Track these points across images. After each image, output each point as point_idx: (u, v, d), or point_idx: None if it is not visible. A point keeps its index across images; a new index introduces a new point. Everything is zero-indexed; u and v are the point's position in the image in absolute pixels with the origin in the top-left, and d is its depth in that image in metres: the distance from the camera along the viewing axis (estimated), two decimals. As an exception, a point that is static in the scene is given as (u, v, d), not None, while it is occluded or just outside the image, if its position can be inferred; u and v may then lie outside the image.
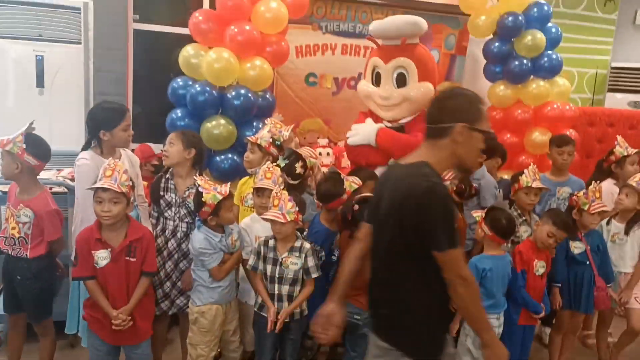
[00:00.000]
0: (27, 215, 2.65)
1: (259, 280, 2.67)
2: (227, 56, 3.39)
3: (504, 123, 4.46)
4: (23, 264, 2.69)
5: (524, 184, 3.18)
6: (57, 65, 3.89)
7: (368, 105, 3.45)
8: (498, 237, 2.84)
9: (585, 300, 3.26)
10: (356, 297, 2.80)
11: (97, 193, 2.40)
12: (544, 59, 4.29)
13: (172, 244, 2.82)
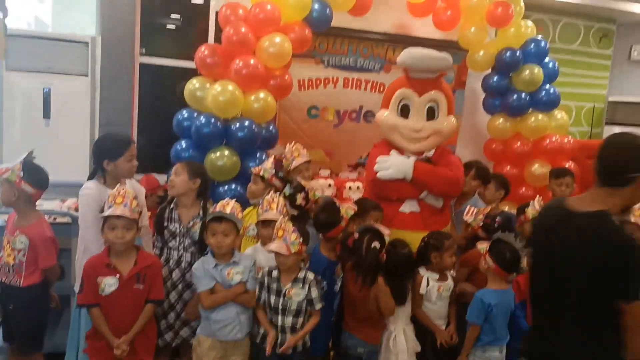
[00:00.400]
0: (22, 242, 2.66)
1: (260, 310, 2.67)
2: (232, 89, 3.46)
3: (503, 155, 4.52)
4: (16, 292, 2.69)
5: (530, 216, 3.20)
6: (64, 97, 3.97)
7: (390, 136, 3.33)
8: (502, 271, 2.84)
9: None
10: (359, 329, 2.80)
11: (110, 220, 2.44)
12: (542, 92, 4.38)
13: (177, 274, 2.83)
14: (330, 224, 2.83)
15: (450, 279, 3.00)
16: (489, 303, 2.81)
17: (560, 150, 4.39)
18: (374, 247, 2.65)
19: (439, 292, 2.92)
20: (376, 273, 2.69)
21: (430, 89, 3.29)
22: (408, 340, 2.87)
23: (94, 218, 2.62)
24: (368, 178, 3.32)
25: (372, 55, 4.68)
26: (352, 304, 2.82)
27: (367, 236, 2.70)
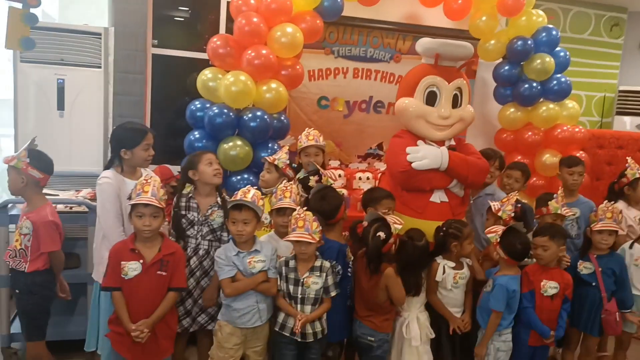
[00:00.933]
0: (27, 227, 2.72)
1: (280, 297, 2.70)
2: (244, 79, 3.48)
3: (514, 145, 4.52)
4: (21, 277, 2.75)
5: (553, 210, 3.22)
6: (78, 89, 3.99)
7: (414, 124, 3.29)
8: (512, 260, 2.90)
9: (586, 320, 3.26)
10: (370, 318, 2.83)
11: (138, 208, 2.49)
12: (553, 82, 4.37)
13: (194, 261, 2.87)
14: (333, 209, 2.87)
15: (467, 267, 3.02)
16: (513, 289, 2.86)
17: (571, 140, 4.39)
18: (379, 237, 2.67)
19: (455, 280, 2.94)
20: (379, 262, 2.71)
21: (457, 77, 3.34)
22: (421, 327, 2.90)
23: (112, 206, 2.68)
24: (397, 169, 3.25)
25: (382, 45, 4.68)
26: (362, 293, 2.85)
27: (373, 225, 2.73)
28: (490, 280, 2.96)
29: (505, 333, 2.92)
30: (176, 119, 4.22)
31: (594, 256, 3.26)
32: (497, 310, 2.86)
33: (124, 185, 2.75)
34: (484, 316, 2.93)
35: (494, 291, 2.87)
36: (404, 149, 3.23)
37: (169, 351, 2.66)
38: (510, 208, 3.09)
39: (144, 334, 2.48)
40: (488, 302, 2.91)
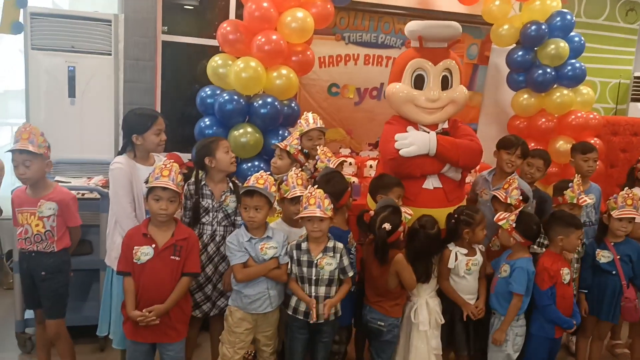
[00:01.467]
0: (51, 208, 2.73)
1: (292, 282, 2.70)
2: (255, 65, 3.46)
3: (528, 132, 4.46)
4: (49, 258, 2.77)
5: (569, 199, 3.18)
6: (88, 76, 3.99)
7: (403, 109, 3.25)
8: (528, 241, 2.89)
9: (608, 308, 3.24)
10: (380, 303, 2.82)
11: (156, 191, 2.49)
12: (568, 67, 4.31)
13: (212, 247, 2.87)
14: (339, 193, 2.85)
15: (479, 253, 3.00)
16: (533, 271, 2.86)
17: (585, 126, 4.32)
18: (383, 228, 2.65)
19: (468, 267, 2.92)
20: (386, 252, 2.70)
21: (444, 57, 3.24)
22: (430, 312, 2.89)
23: (124, 191, 2.68)
24: (386, 156, 3.21)
25: (393, 31, 4.63)
26: (372, 279, 2.84)
27: (380, 215, 2.70)
28: (505, 265, 2.92)
29: (521, 318, 2.91)
30: (186, 106, 4.22)
31: (611, 244, 3.22)
32: (519, 293, 2.83)
33: (137, 170, 2.75)
34: (501, 301, 2.90)
35: (515, 274, 2.83)
36: (393, 135, 3.17)
37: (183, 335, 2.66)
38: (517, 192, 3.06)
39: (149, 319, 2.49)
40: (505, 286, 2.87)
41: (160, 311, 2.51)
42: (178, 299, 2.56)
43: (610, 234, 3.24)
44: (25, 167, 2.66)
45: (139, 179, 2.73)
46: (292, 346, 2.75)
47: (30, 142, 2.67)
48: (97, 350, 3.33)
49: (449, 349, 3.07)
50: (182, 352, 2.70)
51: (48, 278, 2.78)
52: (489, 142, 4.86)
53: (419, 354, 2.89)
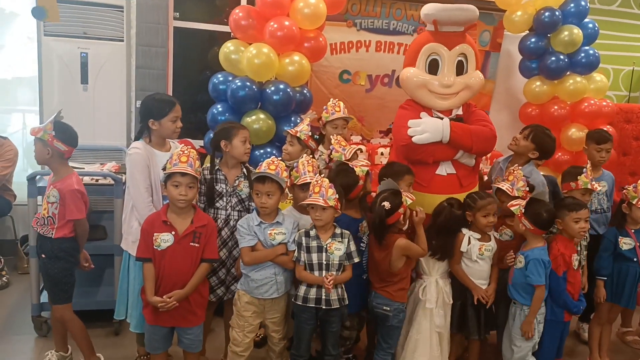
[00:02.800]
0: (54, 196, 2.77)
1: (300, 270, 2.71)
2: (267, 51, 3.45)
3: (540, 119, 4.43)
4: (47, 243, 2.82)
5: (583, 185, 3.16)
6: (101, 63, 4.01)
7: (417, 94, 3.21)
8: (539, 230, 2.86)
9: (628, 295, 3.27)
10: (384, 288, 2.83)
11: (175, 177, 2.51)
12: (581, 54, 4.27)
13: (226, 232, 2.89)
14: (349, 186, 2.84)
15: (494, 240, 3.00)
16: (548, 260, 2.85)
17: (598, 114, 4.29)
18: (383, 206, 2.66)
19: (480, 252, 2.93)
20: (383, 232, 2.71)
21: (459, 42, 3.18)
22: (439, 291, 2.93)
23: (141, 176, 2.70)
24: (399, 142, 3.19)
25: (405, 18, 4.60)
26: (375, 264, 2.86)
27: (380, 196, 2.72)
28: (520, 256, 2.92)
29: (542, 305, 2.92)
30: (198, 93, 4.23)
31: (631, 230, 3.22)
32: (539, 284, 2.83)
33: (154, 156, 2.76)
34: (521, 293, 2.90)
35: (530, 267, 2.83)
36: (407, 121, 3.13)
37: (202, 319, 2.70)
38: (523, 184, 3.04)
39: (169, 305, 2.52)
40: (522, 277, 2.88)
41: (181, 296, 2.55)
42: (197, 285, 2.59)
43: (630, 221, 3.23)
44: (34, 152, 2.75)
45: (156, 165, 2.75)
46: (300, 335, 2.78)
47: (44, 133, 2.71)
48: (111, 334, 3.37)
49: (460, 333, 3.09)
50: (200, 335, 2.74)
51: (45, 262, 2.83)
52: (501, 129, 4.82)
53: (421, 330, 2.94)
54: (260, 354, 3.11)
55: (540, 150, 3.30)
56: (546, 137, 3.34)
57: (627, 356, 3.63)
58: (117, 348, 3.25)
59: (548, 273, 2.87)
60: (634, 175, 3.24)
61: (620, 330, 3.90)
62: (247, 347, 2.78)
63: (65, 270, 2.85)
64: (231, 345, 2.80)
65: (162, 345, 2.70)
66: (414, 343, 2.96)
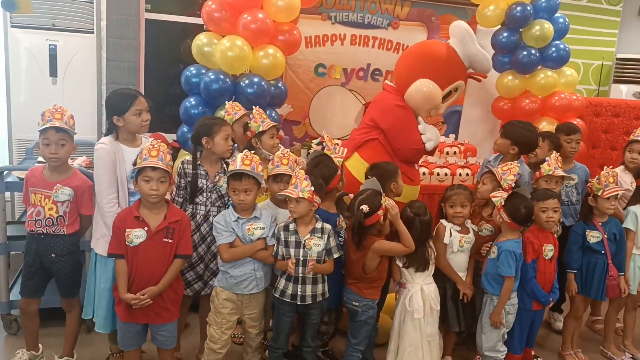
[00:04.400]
0: (67, 194, 2.74)
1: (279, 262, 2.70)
2: (241, 44, 3.42)
3: (512, 113, 4.50)
4: (59, 241, 2.78)
5: (545, 172, 3.20)
6: (70, 55, 3.93)
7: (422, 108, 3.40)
8: (515, 225, 2.89)
9: (597, 287, 3.32)
10: (355, 284, 2.82)
11: (145, 172, 2.47)
12: (552, 49, 4.33)
13: (205, 228, 2.86)
14: (328, 177, 2.84)
15: (472, 232, 3.03)
16: (520, 253, 2.89)
17: (568, 107, 4.37)
18: (361, 210, 2.62)
19: (460, 244, 2.96)
20: (362, 235, 2.68)
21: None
22: (425, 299, 2.86)
23: (105, 172, 2.65)
24: (412, 145, 3.37)
25: (379, 11, 4.61)
26: (349, 263, 2.84)
27: (359, 198, 2.70)
28: (494, 246, 2.96)
29: (514, 296, 2.96)
30: (170, 86, 4.17)
31: (599, 224, 3.29)
32: (508, 275, 2.87)
33: (121, 152, 2.70)
34: (492, 283, 2.94)
35: (502, 258, 2.87)
36: (414, 125, 3.36)
37: (175, 315, 2.68)
38: (512, 178, 3.05)
39: (142, 302, 2.49)
40: (494, 268, 2.91)
41: (154, 293, 2.51)
42: (171, 281, 2.57)
43: (597, 214, 3.29)
44: (59, 146, 2.68)
45: (124, 161, 2.69)
46: (279, 327, 2.77)
47: (64, 123, 2.68)
48: (84, 331, 3.30)
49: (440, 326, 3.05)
50: (174, 332, 2.72)
51: (58, 260, 2.79)
52: (474, 123, 4.95)
53: (412, 342, 2.87)
54: (237, 349, 3.10)
55: (517, 144, 3.35)
56: (519, 129, 3.39)
57: (596, 344, 3.72)
58: (89, 346, 3.20)
59: (519, 266, 2.90)
60: (602, 167, 3.30)
61: (589, 319, 3.99)
62: (224, 344, 2.77)
63: (78, 263, 2.88)
64: (208, 342, 2.78)
65: (135, 342, 2.68)
66: (407, 356, 2.89)
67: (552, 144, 3.53)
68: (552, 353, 3.56)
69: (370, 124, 3.45)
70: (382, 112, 3.43)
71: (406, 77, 3.46)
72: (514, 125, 3.44)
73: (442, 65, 3.45)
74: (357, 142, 3.46)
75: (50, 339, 3.09)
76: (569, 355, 3.47)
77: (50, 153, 2.67)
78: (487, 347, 3.01)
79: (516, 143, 3.35)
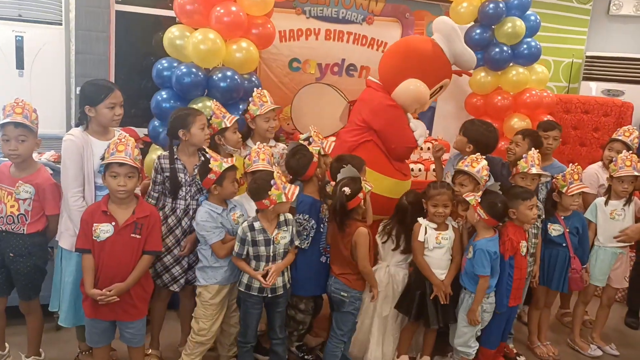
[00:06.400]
0: (28, 192, 2.67)
1: (242, 262, 2.71)
2: (213, 37, 3.37)
3: (484, 109, 4.56)
4: (18, 240, 2.70)
5: (522, 169, 3.24)
6: (38, 47, 3.83)
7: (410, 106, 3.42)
8: (494, 220, 2.91)
9: (558, 279, 3.40)
10: (344, 275, 2.86)
11: (112, 167, 2.42)
12: (524, 46, 4.40)
13: (186, 222, 2.85)
14: (303, 165, 2.92)
15: (452, 229, 3.03)
16: (494, 251, 2.90)
17: (539, 104, 4.44)
18: (343, 192, 2.70)
19: (437, 240, 2.96)
20: (344, 217, 2.74)
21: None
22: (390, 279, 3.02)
23: (72, 164, 2.59)
24: (406, 144, 3.42)
25: (354, 6, 4.61)
26: (337, 252, 2.88)
27: (341, 182, 2.75)
28: (470, 246, 2.98)
29: (491, 295, 2.98)
30: (142, 79, 4.10)
31: (561, 217, 3.35)
32: (483, 275, 2.89)
33: (90, 145, 2.64)
34: (470, 281, 2.97)
35: (476, 257, 2.89)
36: (406, 124, 3.40)
37: (144, 313, 2.64)
38: (486, 173, 3.10)
39: (109, 298, 2.45)
40: (471, 268, 2.93)
41: (121, 289, 2.48)
42: (139, 277, 2.53)
43: (560, 208, 3.36)
44: (19, 142, 2.59)
45: (93, 154, 2.63)
46: (247, 321, 2.79)
47: (25, 117, 2.58)
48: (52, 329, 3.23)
49: (419, 322, 3.09)
50: (142, 329, 2.68)
51: (15, 260, 2.71)
52: (448, 119, 4.98)
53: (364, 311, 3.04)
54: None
55: (473, 143, 3.36)
56: (477, 128, 3.42)
57: (565, 337, 3.79)
58: (58, 344, 3.15)
59: (496, 264, 2.92)
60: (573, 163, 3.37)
61: (559, 312, 4.07)
62: (214, 335, 2.81)
63: (37, 266, 2.77)
64: (195, 336, 2.79)
65: (103, 339, 2.64)
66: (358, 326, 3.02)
67: (532, 142, 3.55)
68: (523, 345, 3.62)
69: (362, 125, 3.41)
70: (374, 112, 3.39)
71: (392, 75, 3.43)
72: (473, 123, 3.50)
73: (429, 64, 3.43)
74: (350, 144, 3.42)
75: (17, 337, 3.02)
76: (538, 347, 3.54)
77: (10, 150, 2.59)
78: (460, 343, 3.04)
79: (473, 141, 3.37)
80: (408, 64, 3.40)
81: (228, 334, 2.93)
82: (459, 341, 3.04)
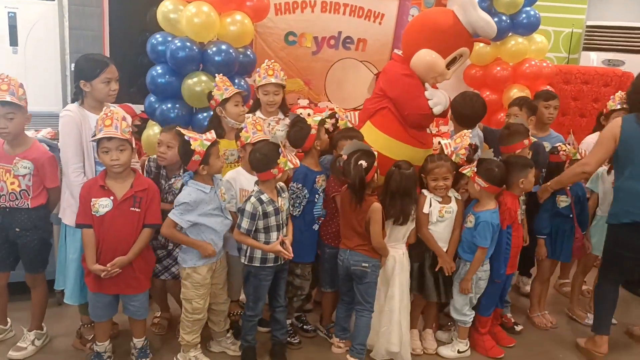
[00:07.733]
0: (26, 167, 2.67)
1: (250, 239, 2.70)
2: (207, 10, 3.33)
3: (483, 80, 4.52)
4: (23, 215, 2.72)
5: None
6: (31, 23, 3.80)
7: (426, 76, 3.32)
8: (494, 187, 2.90)
9: (566, 251, 3.41)
10: (362, 247, 2.85)
11: (103, 143, 2.42)
12: (522, 15, 4.34)
13: None
14: (302, 137, 2.94)
15: (454, 202, 3.02)
16: (497, 223, 2.91)
17: (538, 74, 4.40)
18: (360, 165, 2.68)
19: (441, 214, 2.96)
20: (363, 190, 2.72)
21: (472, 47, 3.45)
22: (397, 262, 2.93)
23: (71, 140, 2.60)
24: (419, 111, 3.28)
25: (350, -22, 4.53)
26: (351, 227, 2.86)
27: (354, 156, 2.72)
28: (471, 215, 2.98)
29: (486, 263, 3.00)
30: (137, 55, 4.06)
31: (567, 187, 3.33)
32: (484, 246, 2.90)
33: (87, 120, 2.64)
34: (466, 250, 2.98)
35: (479, 228, 2.89)
36: (421, 92, 3.30)
37: (147, 286, 2.67)
38: (464, 152, 3.05)
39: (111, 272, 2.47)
40: (470, 237, 2.94)
41: (123, 262, 2.50)
42: (140, 251, 2.55)
43: None
44: (8, 120, 2.57)
45: (90, 129, 2.63)
46: (258, 294, 2.80)
47: (11, 93, 2.56)
48: (54, 304, 3.28)
49: (419, 295, 3.11)
50: (146, 302, 2.71)
51: (22, 234, 2.74)
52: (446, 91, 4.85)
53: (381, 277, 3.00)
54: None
55: (455, 115, 3.44)
56: (454, 100, 3.44)
57: (563, 306, 3.82)
58: (60, 319, 3.19)
59: (495, 236, 2.92)
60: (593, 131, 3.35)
61: (557, 282, 4.10)
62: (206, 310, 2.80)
63: (44, 239, 2.81)
64: (190, 315, 2.74)
65: (106, 313, 2.67)
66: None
67: (529, 110, 3.54)
68: (520, 315, 3.65)
69: (380, 94, 3.43)
70: (389, 81, 3.40)
71: (410, 47, 3.43)
72: (463, 96, 3.51)
73: (441, 35, 3.36)
74: (369, 111, 3.44)
75: (19, 313, 3.06)
76: (537, 317, 3.57)
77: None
78: (455, 310, 3.07)
79: (456, 114, 3.45)
80: (422, 35, 3.39)
81: (219, 312, 2.91)
82: (454, 308, 3.07)
